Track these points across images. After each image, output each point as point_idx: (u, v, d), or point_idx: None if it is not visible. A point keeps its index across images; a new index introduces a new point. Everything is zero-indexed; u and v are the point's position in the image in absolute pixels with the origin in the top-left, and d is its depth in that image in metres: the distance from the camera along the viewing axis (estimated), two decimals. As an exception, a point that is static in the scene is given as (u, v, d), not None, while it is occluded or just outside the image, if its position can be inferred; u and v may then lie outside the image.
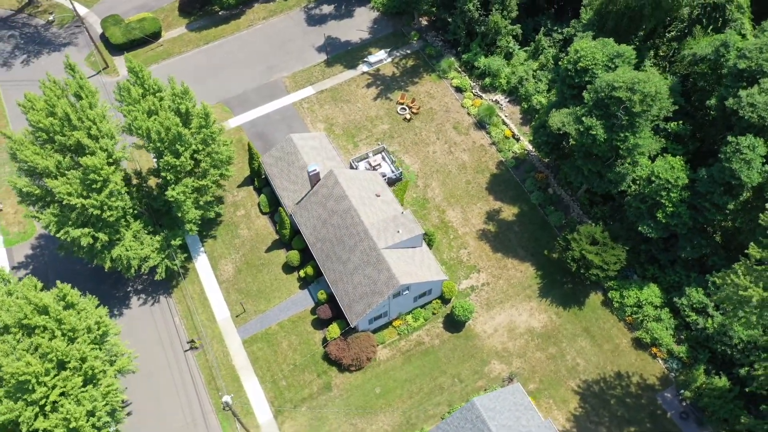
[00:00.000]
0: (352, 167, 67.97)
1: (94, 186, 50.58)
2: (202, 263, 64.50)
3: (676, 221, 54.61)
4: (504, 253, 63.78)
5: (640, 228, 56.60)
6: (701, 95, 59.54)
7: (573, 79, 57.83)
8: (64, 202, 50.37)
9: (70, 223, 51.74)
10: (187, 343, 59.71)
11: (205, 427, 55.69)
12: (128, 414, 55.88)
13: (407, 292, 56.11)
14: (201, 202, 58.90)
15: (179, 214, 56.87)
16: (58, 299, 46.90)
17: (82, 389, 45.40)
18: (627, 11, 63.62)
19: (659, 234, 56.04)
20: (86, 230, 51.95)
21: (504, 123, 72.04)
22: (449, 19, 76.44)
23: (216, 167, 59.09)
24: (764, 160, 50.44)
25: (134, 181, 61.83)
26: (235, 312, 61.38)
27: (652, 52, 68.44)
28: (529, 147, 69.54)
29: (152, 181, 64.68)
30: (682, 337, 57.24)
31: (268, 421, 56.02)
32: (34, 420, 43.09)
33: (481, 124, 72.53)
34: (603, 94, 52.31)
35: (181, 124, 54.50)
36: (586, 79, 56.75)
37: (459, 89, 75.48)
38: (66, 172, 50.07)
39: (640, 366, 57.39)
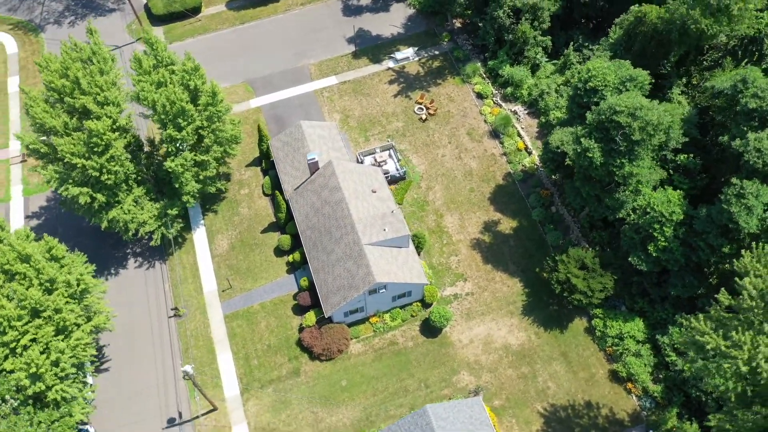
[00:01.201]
0: (358, 160, 68.44)
1: (95, 149, 52.88)
2: (199, 235, 66.45)
3: (667, 257, 52.78)
4: (494, 265, 63.04)
5: (630, 258, 54.96)
6: (718, 130, 57.07)
7: (582, 98, 56.51)
8: (66, 161, 52.85)
9: (70, 181, 54.29)
10: (171, 310, 61.76)
11: (174, 391, 57.60)
12: (99, 368, 58.35)
13: (384, 290, 56.32)
14: (201, 177, 60.54)
15: (176, 185, 58.70)
16: (44, 251, 49.36)
17: (55, 338, 47.78)
18: (655, 35, 61.46)
19: (649, 267, 54.27)
20: (85, 189, 54.37)
21: (519, 135, 70.91)
22: (480, 24, 75.60)
23: (219, 144, 60.65)
24: (766, 207, 48.10)
25: (146, 149, 64.15)
26: (222, 287, 63.05)
27: (684, 80, 66.06)
28: (540, 162, 68.27)
29: (163, 150, 66.87)
30: (660, 376, 55.37)
31: (234, 396, 57.47)
32: (4, 360, 45.68)
33: (495, 133, 71.65)
34: (604, 117, 50.93)
35: (187, 100, 56.17)
36: (595, 99, 55.35)
37: (480, 95, 74.69)
38: (71, 132, 52.45)
39: (612, 399, 55.88)
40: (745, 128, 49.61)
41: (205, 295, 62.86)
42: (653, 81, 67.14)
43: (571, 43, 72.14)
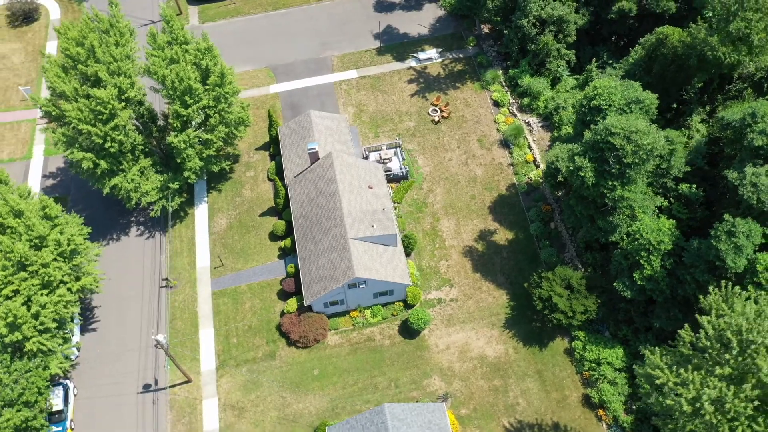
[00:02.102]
0: (364, 155, 68.84)
1: (100, 117, 54.89)
2: (201, 211, 68.14)
3: (652, 286, 51.44)
4: (483, 274, 62.54)
5: (615, 284, 53.76)
6: (726, 163, 55.10)
7: (585, 116, 55.44)
8: (72, 125, 55.06)
9: (76, 145, 56.52)
10: (162, 280, 63.61)
11: (154, 359, 59.34)
12: (87, 327, 60.64)
13: (364, 286, 56.62)
14: (204, 155, 62.04)
15: (178, 161, 60.36)
16: (38, 209, 51.63)
17: (39, 293, 50.02)
18: (675, 58, 59.69)
19: (633, 295, 53.00)
20: (89, 155, 56.52)
21: (529, 147, 69.99)
22: (505, 32, 74.79)
23: (225, 125, 61.99)
24: (756, 248, 46.31)
25: (160, 122, 66.07)
26: (214, 264, 64.55)
27: (707, 108, 64.02)
28: (543, 176, 67.22)
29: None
30: (633, 407, 54.00)
31: (210, 371, 58.87)
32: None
33: (506, 143, 70.91)
34: (599, 137, 49.90)
35: (197, 78, 57.66)
36: (597, 118, 54.19)
37: (497, 103, 73.99)
38: (80, 99, 54.59)
39: (581, 424, 54.84)
40: (749, 164, 47.79)
41: (198, 270, 64.48)
42: (676, 106, 65.93)
43: (594, 59, 70.59)
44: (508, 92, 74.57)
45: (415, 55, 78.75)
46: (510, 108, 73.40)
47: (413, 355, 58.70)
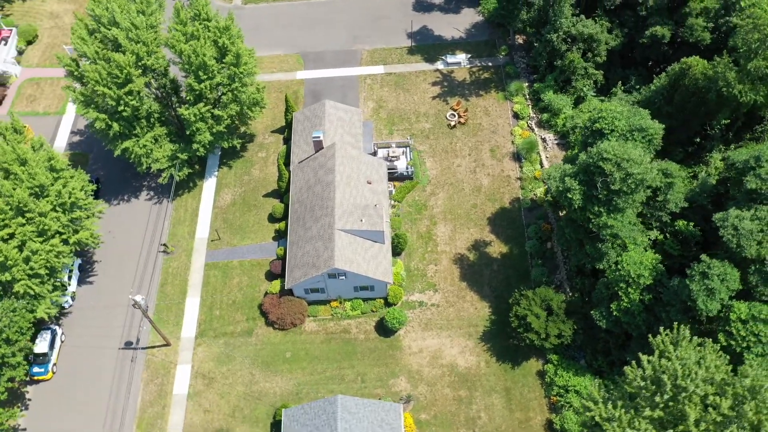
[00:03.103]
0: (373, 151, 69.28)
1: (116, 80, 57.39)
2: (209, 184, 70.21)
3: (628, 320, 50.09)
4: (470, 284, 62.11)
5: (593, 312, 52.57)
6: (729, 204, 52.83)
7: (587, 138, 54.23)
8: (88, 86, 57.78)
9: (92, 105, 59.25)
10: (161, 245, 65.95)
11: (140, 318, 61.59)
12: (85, 279, 63.58)
13: (344, 278, 57.21)
14: (214, 130, 63.87)
15: (188, 132, 62.43)
16: (45, 160, 54.49)
17: (33, 239, 52.87)
18: (696, 91, 57.58)
19: (609, 326, 51.71)
20: (102, 116, 59.21)
21: (540, 163, 68.85)
22: (535, 44, 73.68)
23: (238, 104, 63.62)
24: (733, 294, 44.41)
25: (182, 95, 68.28)
26: (212, 237, 66.46)
27: (733, 146, 61.61)
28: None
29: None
30: (594, 440, 52.61)
31: (189, 338, 60.81)
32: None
33: (518, 156, 69.97)
34: (591, 160, 48.76)
35: (213, 56, 59.47)
36: (598, 142, 52.84)
37: (517, 115, 73.03)
38: (99, 61, 57.24)
39: (540, 448, 53.94)
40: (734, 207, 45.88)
41: (196, 240, 66.56)
42: (699, 141, 63.57)
43: (620, 82, 68.70)
44: (530, 106, 73.49)
45: (443, 57, 78.53)
46: (529, 122, 72.36)
47: (385, 353, 58.96)
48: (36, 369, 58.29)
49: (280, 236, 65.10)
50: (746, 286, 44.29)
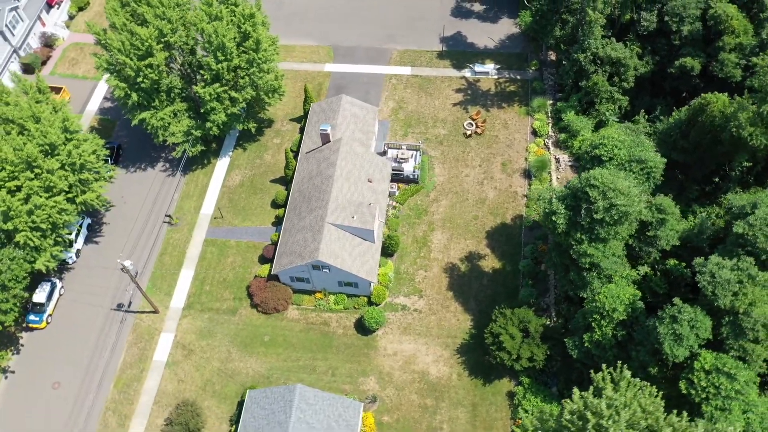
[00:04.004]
0: (383, 150, 69.60)
1: (136, 52, 59.68)
2: (222, 163, 72.09)
3: (598, 353, 48.87)
4: (456, 295, 61.72)
5: (566, 340, 51.49)
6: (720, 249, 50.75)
7: (586, 164, 53.06)
8: (111, 54, 60.34)
9: (114, 74, 61.83)
10: (166, 216, 68.20)
11: (136, 278, 63.84)
12: (91, 238, 66.46)
13: (327, 271, 57.86)
14: (229, 111, 65.53)
15: (202, 111, 64.31)
16: (60, 120, 57.23)
17: (39, 194, 55.71)
18: (712, 128, 55.45)
19: (579, 356, 50.61)
20: (122, 85, 61.76)
21: (550, 183, 67.58)
22: (564, 62, 72.27)
23: (254, 88, 65.07)
24: (702, 342, 42.71)
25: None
26: (215, 215, 68.26)
27: (753, 190, 59.06)
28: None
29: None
30: (550, 469, 51.57)
31: (177, 308, 62.78)
32: (-7, 193, 54.37)
33: (529, 173, 68.90)
34: (580, 186, 47.70)
35: (233, 38, 61.05)
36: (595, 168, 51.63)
37: (535, 132, 71.87)
38: (124, 32, 59.65)
39: (496, 469, 53.29)
40: (724, 256, 43.99)
41: (200, 216, 68.51)
42: (717, 180, 61.16)
43: (642, 110, 66.63)
44: (550, 124, 72.20)
45: (472, 65, 77.95)
46: (546, 140, 71.11)
47: (360, 350, 59.34)
48: (32, 317, 61.43)
49: (279, 222, 66.29)
50: (717, 337, 42.51)
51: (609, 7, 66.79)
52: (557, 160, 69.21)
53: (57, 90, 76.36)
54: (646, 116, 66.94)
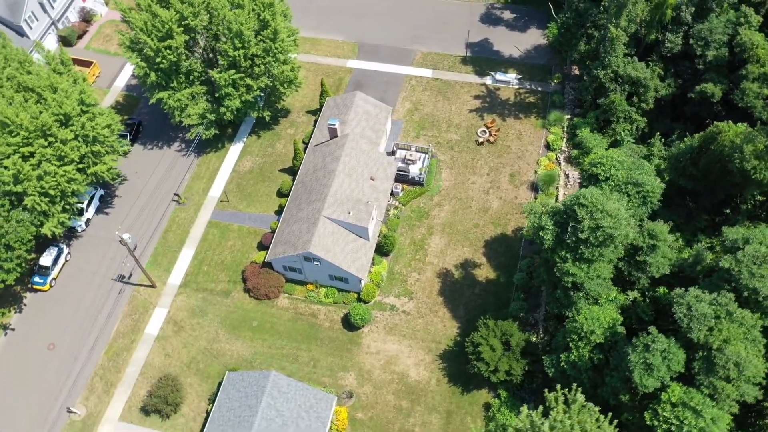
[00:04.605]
0: (392, 150, 69.83)
1: (157, 33, 61.38)
2: (235, 149, 73.49)
3: (574, 374, 48.14)
4: (446, 301, 61.57)
5: (544, 357, 50.88)
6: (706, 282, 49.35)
7: (584, 182, 52.24)
8: (135, 33, 62.21)
9: (136, 52, 63.73)
10: (175, 194, 69.91)
11: (139, 252, 65.82)
12: (102, 208, 68.66)
13: (318, 264, 58.46)
14: (243, 98, 66.76)
15: (217, 95, 65.70)
16: (78, 92, 59.31)
17: (51, 162, 57.92)
18: (721, 158, 53.85)
19: (555, 375, 49.90)
20: (142, 63, 63.62)
21: (556, 198, 66.69)
22: (584, 78, 71.10)
23: (269, 77, 66.12)
24: (675, 374, 41.68)
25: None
26: (222, 198, 69.65)
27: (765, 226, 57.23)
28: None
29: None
30: (515, 486, 51.07)
31: (173, 285, 64.37)
32: (6, 158, 56.70)
33: (536, 187, 68.13)
34: (570, 203, 47.05)
35: (251, 27, 62.21)
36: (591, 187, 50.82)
37: (549, 146, 70.98)
38: (146, 12, 61.43)
39: (462, 478, 53.04)
40: (705, 290, 42.82)
41: (207, 198, 70.03)
42: (729, 212, 59.40)
43: (658, 133, 65.09)
44: (565, 139, 71.17)
45: (493, 73, 77.40)
46: (558, 155, 70.17)
47: (343, 345, 59.79)
48: (37, 279, 63.89)
49: (280, 211, 67.18)
50: (689, 371, 41.40)
51: (634, 25, 65.38)
52: (566, 176, 68.19)
53: (88, 64, 79.23)
54: (663, 140, 65.43)
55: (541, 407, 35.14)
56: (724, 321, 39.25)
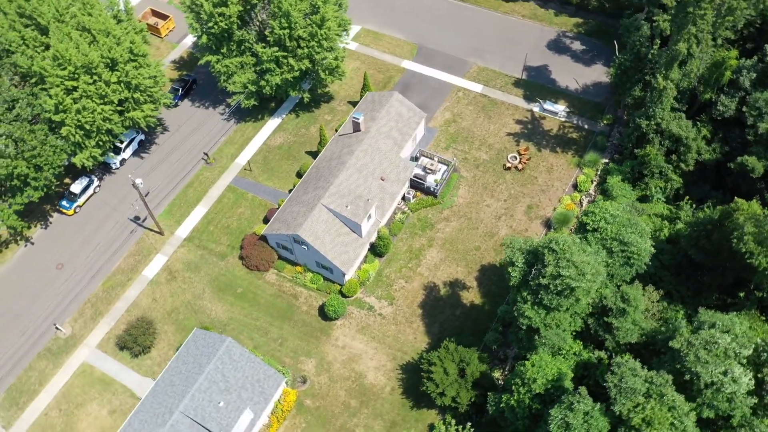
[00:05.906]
0: (416, 155, 69.85)
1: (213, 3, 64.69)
2: (272, 123, 75.94)
3: (511, 417, 46.96)
4: (425, 314, 61.23)
5: (489, 393, 49.76)
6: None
7: (576, 229, 50.28)
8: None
9: (193, 13, 67.26)
10: (205, 153, 73.28)
11: (158, 201, 69.70)
12: (140, 155, 73.15)
13: (305, 248, 59.72)
14: (284, 76, 68.84)
15: (258, 69, 68.17)
16: (130, 41, 63.42)
17: (92, 99, 62.44)
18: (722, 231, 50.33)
19: (494, 414, 48.89)
20: (197, 25, 67.45)
21: (566, 240, 64.33)
22: (630, 125, 67.93)
23: (311, 62, 67.83)
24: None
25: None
26: (246, 167, 72.33)
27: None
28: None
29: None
30: None
31: (179, 237, 67.72)
32: (53, 87, 61.57)
33: (549, 224, 66.08)
34: (542, 245, 45.58)
35: (300, 9, 64.10)
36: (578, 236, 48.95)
37: (576, 187, 68.53)
38: (206, -13, 64.92)
39: (386, 490, 52.92)
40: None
41: (234, 163, 72.92)
42: (743, 294, 55.49)
43: (687, 197, 61.30)
44: (595, 183, 68.45)
45: (542, 101, 75.41)
46: (584, 197, 67.60)
47: (313, 332, 60.87)
48: (64, 203, 69.13)
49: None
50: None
51: (689, 81, 61.75)
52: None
53: (165, 17, 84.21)
54: (694, 205, 61.67)
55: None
56: (653, 401, 36.96)
